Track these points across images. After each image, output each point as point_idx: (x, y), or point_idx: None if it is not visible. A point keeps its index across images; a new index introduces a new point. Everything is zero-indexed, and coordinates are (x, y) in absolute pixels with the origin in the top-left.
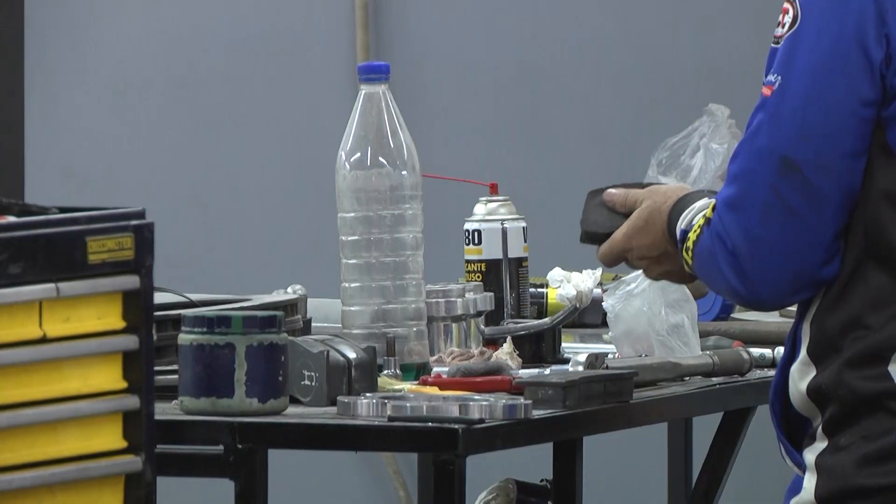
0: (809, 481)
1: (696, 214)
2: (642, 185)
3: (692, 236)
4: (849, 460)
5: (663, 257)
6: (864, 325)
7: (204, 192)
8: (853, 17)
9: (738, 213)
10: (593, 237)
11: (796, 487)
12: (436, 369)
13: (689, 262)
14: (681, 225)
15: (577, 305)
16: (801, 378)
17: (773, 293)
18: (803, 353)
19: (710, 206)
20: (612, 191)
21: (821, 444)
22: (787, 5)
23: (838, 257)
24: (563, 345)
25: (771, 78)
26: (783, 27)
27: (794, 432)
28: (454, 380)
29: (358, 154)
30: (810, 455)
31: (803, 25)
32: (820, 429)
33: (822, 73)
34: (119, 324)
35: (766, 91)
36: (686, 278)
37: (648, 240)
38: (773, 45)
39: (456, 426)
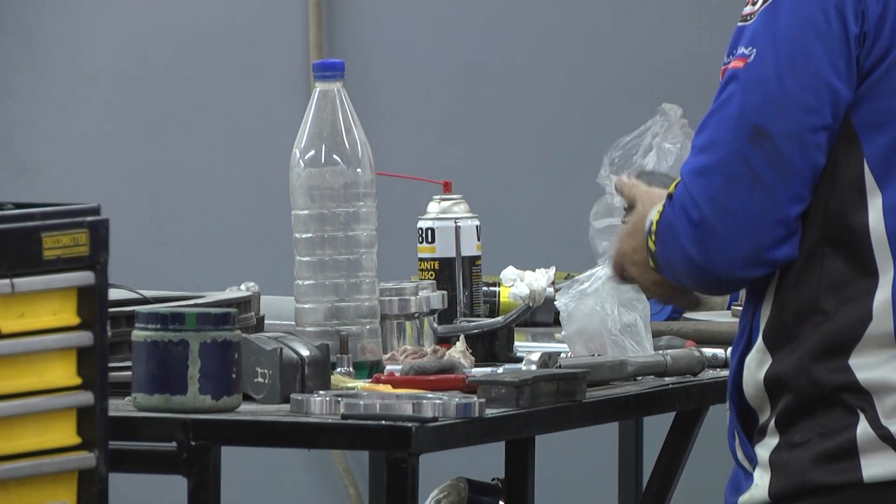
0: (762, 478)
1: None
2: (665, 175)
3: (655, 217)
4: (805, 457)
5: (646, 262)
6: (821, 310)
7: (156, 188)
8: None
9: (705, 179)
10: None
11: (736, 483)
12: (389, 367)
13: (653, 248)
14: (650, 217)
15: (531, 304)
16: (757, 367)
17: (730, 265)
18: (759, 341)
19: (673, 184)
20: (623, 179)
21: (772, 440)
22: None
23: (796, 238)
24: (516, 344)
25: (744, 51)
26: (753, 4)
27: (748, 424)
28: (407, 378)
29: (312, 151)
30: (763, 451)
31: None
32: (772, 423)
33: (799, 43)
34: (74, 320)
35: (739, 63)
36: (676, 292)
37: (633, 243)
38: (740, 23)
39: (409, 424)
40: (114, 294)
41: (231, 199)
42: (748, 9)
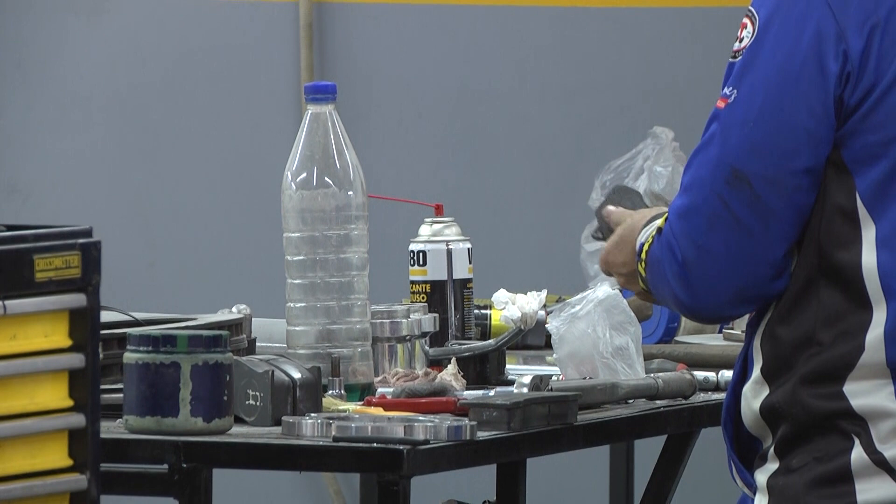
0: (760, 502)
1: (653, 227)
2: (637, 193)
3: (646, 246)
4: (800, 482)
5: (633, 276)
6: (817, 341)
7: (147, 210)
8: (811, 33)
9: (687, 221)
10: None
11: None
12: (380, 390)
13: (643, 273)
14: (640, 239)
15: (522, 327)
16: (754, 397)
17: (715, 305)
18: (756, 372)
19: (664, 217)
20: (610, 208)
21: (772, 465)
22: (746, 21)
23: (787, 273)
24: (507, 367)
25: (726, 91)
26: (741, 41)
27: (745, 452)
28: (399, 400)
29: (304, 174)
30: (762, 476)
31: (761, 40)
32: (772, 450)
33: (776, 87)
34: (65, 342)
35: (721, 103)
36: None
37: (622, 258)
38: (730, 59)
39: (401, 447)
40: (105, 316)
41: (223, 221)
42: (736, 45)
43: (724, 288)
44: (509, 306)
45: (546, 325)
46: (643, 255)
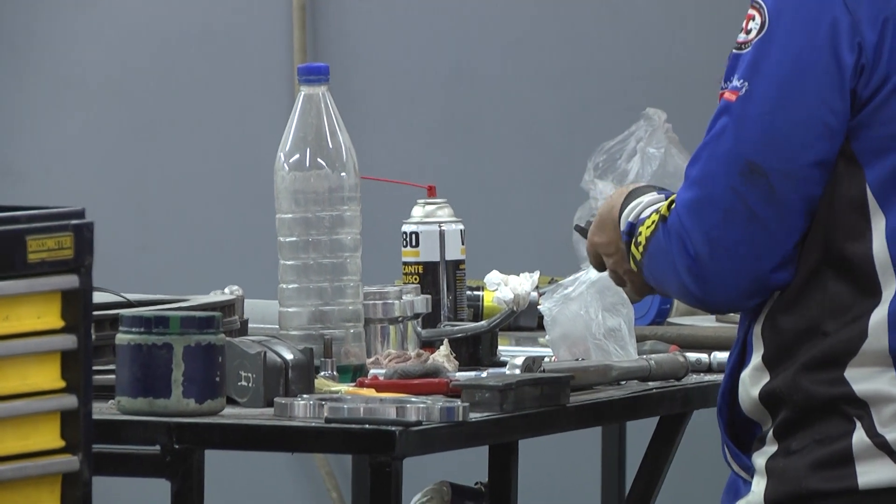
0: (758, 484)
1: (646, 208)
2: None
3: (644, 231)
4: (801, 464)
5: (621, 255)
6: (822, 331)
7: (140, 192)
8: (826, 25)
9: (700, 216)
10: (582, 231)
11: (734, 490)
12: (373, 371)
13: (638, 257)
14: (628, 218)
15: (514, 308)
16: (753, 383)
17: (729, 297)
18: (757, 359)
19: (666, 204)
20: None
21: (770, 448)
22: (752, 12)
23: (793, 263)
24: (500, 348)
25: (736, 83)
26: (748, 33)
27: (740, 436)
28: (391, 382)
29: (297, 155)
30: (760, 459)
31: (773, 31)
32: (770, 433)
33: (791, 79)
34: (58, 323)
35: (731, 95)
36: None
37: (606, 237)
38: (735, 50)
39: (393, 428)
40: (98, 297)
41: (215, 202)
42: (742, 36)
43: (739, 281)
44: (502, 288)
45: (538, 307)
46: (641, 240)
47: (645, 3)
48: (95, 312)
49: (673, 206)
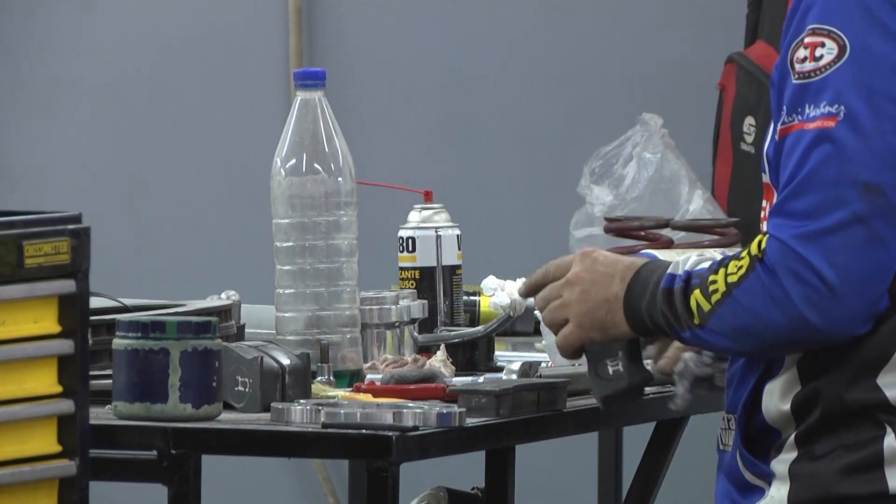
0: (779, 490)
1: (700, 262)
2: None
3: (719, 278)
4: (829, 468)
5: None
6: (855, 339)
7: (136, 196)
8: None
9: (821, 245)
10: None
11: (732, 500)
12: (369, 376)
13: (708, 306)
14: (677, 270)
15: (511, 314)
16: (783, 393)
17: (852, 324)
18: (785, 369)
19: (755, 244)
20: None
21: (791, 454)
22: (820, 39)
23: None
24: (496, 353)
25: (830, 109)
26: (816, 59)
27: (756, 444)
28: (388, 387)
29: (293, 160)
30: (780, 465)
31: (855, 54)
32: (791, 439)
33: (888, 91)
34: (55, 328)
35: (829, 122)
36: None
37: (600, 295)
38: (800, 80)
39: (390, 433)
40: (95, 302)
41: (212, 207)
42: (809, 65)
43: (861, 307)
44: (498, 293)
45: (535, 312)
46: (718, 287)
47: (641, 8)
48: (92, 317)
49: (763, 245)
